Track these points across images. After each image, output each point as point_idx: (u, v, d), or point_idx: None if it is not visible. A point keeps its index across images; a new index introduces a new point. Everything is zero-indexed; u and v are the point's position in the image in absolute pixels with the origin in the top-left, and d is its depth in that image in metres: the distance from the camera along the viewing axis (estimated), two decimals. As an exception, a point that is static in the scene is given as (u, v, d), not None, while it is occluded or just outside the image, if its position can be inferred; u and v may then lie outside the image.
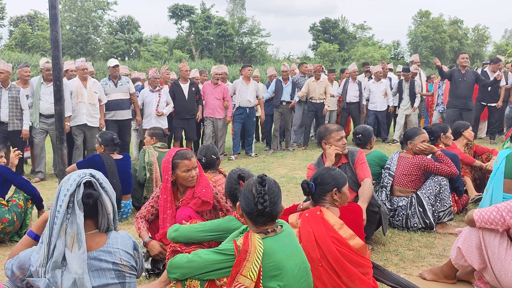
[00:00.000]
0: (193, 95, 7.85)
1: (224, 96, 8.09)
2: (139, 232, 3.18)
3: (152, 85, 7.50)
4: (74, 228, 1.76)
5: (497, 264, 2.58)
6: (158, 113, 7.36)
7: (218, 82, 8.11)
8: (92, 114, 6.92)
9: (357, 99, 9.27)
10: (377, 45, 44.22)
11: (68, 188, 1.80)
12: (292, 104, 8.82)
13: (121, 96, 7.25)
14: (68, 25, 38.14)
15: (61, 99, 3.78)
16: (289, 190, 5.74)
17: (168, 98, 7.57)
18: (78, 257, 1.74)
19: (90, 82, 6.95)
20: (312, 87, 8.94)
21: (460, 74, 8.03)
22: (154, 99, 7.42)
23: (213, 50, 42.25)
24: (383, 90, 9.38)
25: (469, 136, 5.00)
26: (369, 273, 2.47)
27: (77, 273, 1.73)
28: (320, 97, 8.93)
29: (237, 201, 2.67)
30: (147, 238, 3.12)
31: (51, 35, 3.63)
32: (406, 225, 3.96)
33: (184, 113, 7.73)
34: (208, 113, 8.07)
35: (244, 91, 8.24)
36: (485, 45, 49.08)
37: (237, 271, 1.96)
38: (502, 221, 2.52)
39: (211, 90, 8.07)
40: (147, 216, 3.25)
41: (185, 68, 7.89)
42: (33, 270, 1.76)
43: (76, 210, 1.78)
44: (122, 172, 4.62)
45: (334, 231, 2.46)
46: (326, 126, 3.74)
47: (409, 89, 9.41)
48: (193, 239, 2.59)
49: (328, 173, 2.70)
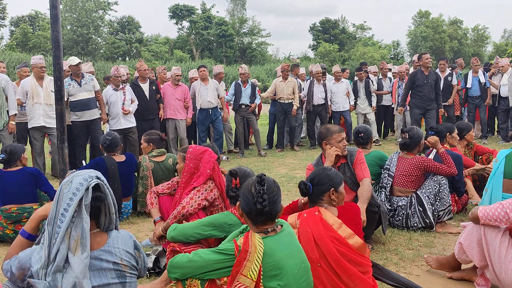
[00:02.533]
0: (154, 94, 7.50)
1: (185, 97, 7.84)
2: (151, 207, 3.54)
3: (114, 83, 7.03)
4: (78, 231, 1.75)
5: (497, 262, 2.59)
6: (125, 112, 6.95)
7: (179, 83, 7.82)
8: (50, 115, 6.38)
9: (323, 100, 9.07)
10: (377, 45, 44.25)
11: (74, 192, 1.77)
12: (252, 108, 8.40)
13: (87, 95, 6.74)
14: (69, 25, 38.17)
15: (62, 99, 3.79)
16: (289, 189, 5.75)
17: (133, 96, 7.18)
18: (80, 261, 1.74)
19: (46, 81, 6.51)
20: (279, 87, 8.68)
21: (423, 76, 8.08)
22: (119, 98, 6.98)
23: (214, 50, 42.27)
24: (344, 90, 9.25)
25: (471, 139, 5.05)
26: (368, 272, 2.47)
27: (78, 277, 1.72)
28: (288, 97, 8.66)
29: (232, 198, 2.71)
30: (157, 217, 3.49)
31: (52, 35, 3.64)
32: (406, 225, 3.97)
33: (147, 114, 7.38)
34: (170, 115, 7.74)
35: (204, 93, 7.94)
36: (485, 45, 49.08)
37: (237, 271, 1.96)
38: (507, 218, 2.54)
39: (171, 91, 7.77)
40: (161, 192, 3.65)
41: (143, 67, 7.47)
42: (34, 271, 1.75)
43: (83, 213, 1.77)
44: (124, 174, 4.60)
45: (333, 231, 2.47)
46: (327, 126, 3.75)
47: (364, 88, 9.38)
48: (191, 236, 2.60)
49: (325, 173, 2.70)
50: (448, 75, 9.20)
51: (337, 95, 9.24)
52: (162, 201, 3.66)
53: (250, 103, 8.42)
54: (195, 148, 3.39)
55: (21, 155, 4.17)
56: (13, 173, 4.07)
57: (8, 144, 4.57)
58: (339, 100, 9.24)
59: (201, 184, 3.24)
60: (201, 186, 3.24)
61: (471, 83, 9.26)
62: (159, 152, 4.88)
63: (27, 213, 3.99)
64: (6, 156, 4.12)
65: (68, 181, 1.82)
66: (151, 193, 3.67)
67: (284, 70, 8.73)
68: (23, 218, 3.97)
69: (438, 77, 8.07)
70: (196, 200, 3.16)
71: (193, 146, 3.45)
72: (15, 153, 4.14)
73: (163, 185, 3.76)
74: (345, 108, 9.31)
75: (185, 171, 3.32)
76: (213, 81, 8.17)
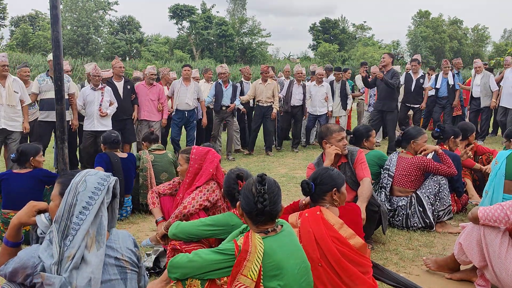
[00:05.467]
0: (128, 94, 7.14)
1: (160, 97, 7.45)
2: (153, 206, 3.53)
3: (93, 83, 6.64)
4: (94, 229, 1.78)
5: (497, 263, 2.59)
6: (102, 114, 6.51)
7: (153, 83, 7.42)
8: (12, 117, 5.97)
9: (301, 102, 8.86)
10: (377, 45, 44.22)
11: (93, 191, 1.80)
12: (231, 108, 8.11)
13: None
14: (69, 25, 38.15)
15: (62, 99, 3.80)
16: (289, 189, 5.75)
17: (112, 98, 6.78)
18: (96, 257, 1.76)
19: (9, 81, 6.01)
20: (259, 89, 8.38)
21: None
22: (97, 98, 6.53)
23: (214, 50, 42.25)
24: (324, 94, 8.96)
25: (472, 140, 5.08)
26: (369, 272, 2.48)
27: (94, 272, 1.74)
28: (267, 100, 8.34)
29: (234, 200, 2.71)
30: (159, 217, 3.48)
31: (52, 35, 3.65)
32: (406, 225, 3.97)
33: (120, 114, 6.96)
34: (144, 116, 7.34)
35: (183, 93, 7.64)
36: (485, 45, 49.10)
37: (237, 271, 1.96)
38: (506, 219, 2.53)
39: (145, 91, 7.35)
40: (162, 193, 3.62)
41: (118, 64, 7.17)
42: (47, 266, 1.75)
43: (103, 211, 1.81)
44: (126, 170, 4.69)
45: (334, 231, 2.47)
46: (327, 126, 3.77)
47: (340, 90, 9.18)
48: (193, 234, 2.62)
49: (327, 173, 2.71)
50: (420, 77, 8.99)
51: (316, 98, 8.96)
52: (163, 202, 3.66)
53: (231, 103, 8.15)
54: (198, 148, 3.39)
55: (30, 157, 4.04)
56: (20, 177, 3.97)
57: (23, 143, 4.49)
58: (316, 103, 8.96)
59: (203, 184, 3.24)
60: (203, 186, 3.24)
61: (440, 84, 9.27)
62: (158, 147, 5.06)
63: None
64: (16, 155, 4.05)
65: (81, 180, 1.83)
66: (153, 192, 3.67)
67: (263, 72, 8.47)
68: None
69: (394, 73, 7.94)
70: (197, 201, 3.17)
71: (196, 147, 3.45)
72: (26, 154, 4.03)
73: (164, 185, 3.75)
74: (322, 112, 8.97)
75: (189, 171, 3.32)
76: (194, 83, 7.88)
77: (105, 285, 1.83)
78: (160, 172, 4.89)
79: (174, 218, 3.12)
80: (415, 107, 9.03)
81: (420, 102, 8.99)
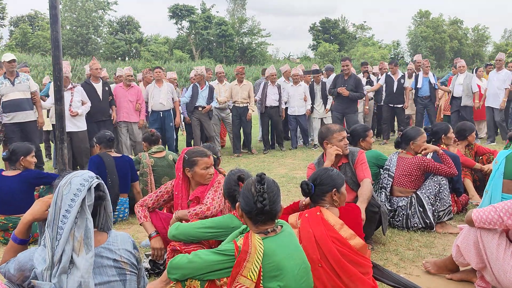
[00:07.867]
0: (107, 95, 7.15)
1: (138, 98, 7.52)
2: (145, 220, 3.12)
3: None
4: (81, 232, 1.76)
5: (496, 265, 2.58)
6: (72, 114, 6.48)
7: (131, 84, 7.51)
8: None
9: (277, 103, 8.85)
10: (377, 45, 44.25)
11: (75, 193, 1.77)
12: (206, 109, 8.17)
13: (20, 95, 6.25)
14: (69, 25, 38.18)
15: (61, 99, 3.79)
16: (289, 190, 5.74)
17: (84, 98, 6.74)
18: (86, 261, 1.74)
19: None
20: (234, 90, 8.55)
21: (342, 80, 8.42)
22: (66, 99, 6.29)
23: (214, 50, 42.26)
24: (302, 94, 9.02)
25: (472, 140, 5.07)
26: (369, 273, 2.47)
27: (83, 276, 1.72)
28: (243, 101, 8.51)
29: (235, 201, 2.68)
30: (153, 232, 3.09)
31: (52, 35, 3.64)
32: (407, 225, 3.96)
33: (99, 115, 6.99)
34: (123, 117, 7.36)
35: (157, 94, 7.78)
36: (485, 45, 49.12)
37: (237, 272, 1.96)
38: (500, 221, 2.52)
39: (123, 92, 7.41)
40: (152, 207, 3.23)
41: (95, 65, 7.13)
42: (38, 272, 1.75)
43: (86, 213, 1.78)
44: (121, 170, 4.60)
45: (334, 231, 2.47)
46: (328, 126, 3.76)
47: (321, 91, 9.22)
48: (193, 236, 2.59)
49: (327, 173, 2.70)
50: (400, 77, 9.30)
51: (294, 98, 9.00)
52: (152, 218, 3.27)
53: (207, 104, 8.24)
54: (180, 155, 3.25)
55: (21, 157, 4.01)
56: (9, 180, 3.93)
57: (16, 142, 4.43)
58: (295, 103, 9.00)
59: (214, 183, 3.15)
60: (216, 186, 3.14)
61: (421, 83, 9.32)
62: (158, 148, 4.92)
63: (12, 223, 3.87)
64: (7, 154, 4.04)
65: (66, 183, 1.81)
66: (142, 206, 3.22)
67: (238, 73, 8.58)
68: (8, 228, 3.88)
69: (357, 83, 8.43)
70: (217, 201, 3.06)
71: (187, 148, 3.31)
72: (16, 153, 4.02)
73: (150, 196, 3.28)
74: (301, 112, 9.04)
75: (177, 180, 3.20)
76: (167, 84, 8.00)
77: (104, 286, 1.83)
78: (161, 176, 4.77)
79: (194, 215, 2.96)
80: (399, 107, 9.30)
81: (403, 102, 9.29)
